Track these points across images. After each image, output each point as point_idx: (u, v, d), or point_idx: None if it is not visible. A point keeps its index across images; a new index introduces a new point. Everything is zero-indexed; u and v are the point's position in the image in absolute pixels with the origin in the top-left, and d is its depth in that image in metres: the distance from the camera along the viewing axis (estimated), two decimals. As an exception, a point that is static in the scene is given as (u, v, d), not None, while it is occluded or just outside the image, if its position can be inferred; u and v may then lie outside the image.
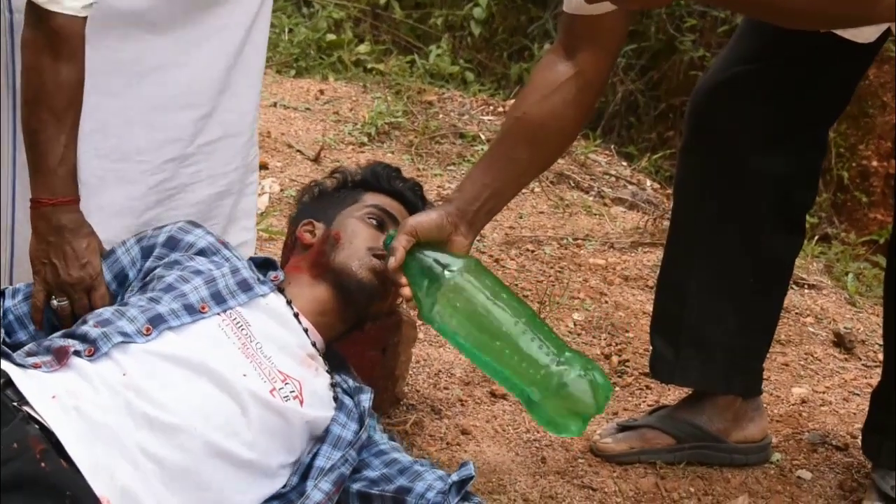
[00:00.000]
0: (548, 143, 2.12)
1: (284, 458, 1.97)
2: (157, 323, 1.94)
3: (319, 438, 2.00)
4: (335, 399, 2.05)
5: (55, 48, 2.00)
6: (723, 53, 2.35)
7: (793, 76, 2.23)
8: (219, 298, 2.02)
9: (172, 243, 2.14)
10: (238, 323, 2.00)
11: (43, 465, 1.64)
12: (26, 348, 1.92)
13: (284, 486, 1.96)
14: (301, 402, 1.98)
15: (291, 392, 1.97)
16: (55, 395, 1.78)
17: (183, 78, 2.31)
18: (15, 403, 1.73)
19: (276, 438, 1.94)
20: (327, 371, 2.08)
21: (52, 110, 2.02)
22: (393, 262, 1.99)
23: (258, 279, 2.10)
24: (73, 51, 2.03)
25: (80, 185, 2.09)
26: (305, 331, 2.08)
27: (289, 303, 2.09)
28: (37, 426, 1.71)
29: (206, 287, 2.03)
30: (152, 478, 1.78)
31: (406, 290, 2.00)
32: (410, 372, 2.59)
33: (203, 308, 1.99)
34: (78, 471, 1.70)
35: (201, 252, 2.13)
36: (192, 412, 1.84)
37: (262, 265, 2.17)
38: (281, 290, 2.12)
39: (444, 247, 2.03)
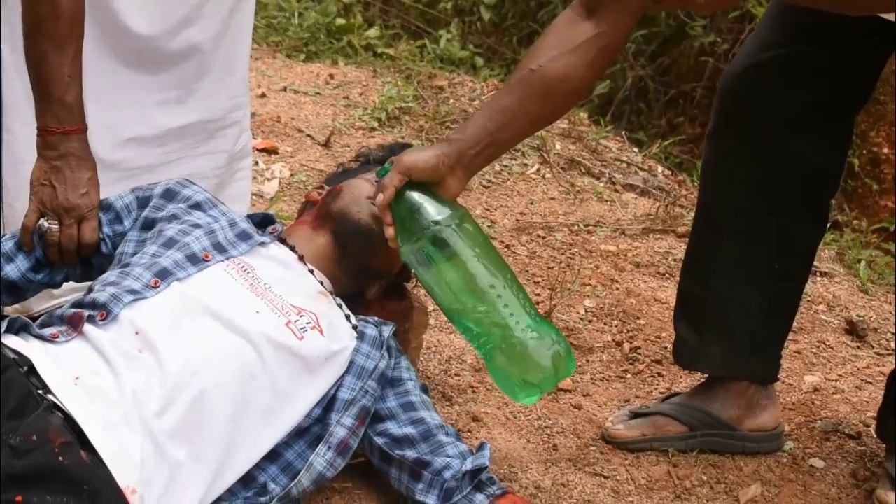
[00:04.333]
0: (558, 100, 2.08)
1: (305, 395, 1.96)
2: (164, 276, 1.95)
3: (344, 370, 2.00)
4: (355, 329, 2.06)
5: None
6: (751, 38, 2.34)
7: (821, 60, 2.22)
8: (220, 248, 2.05)
9: (170, 195, 2.16)
10: (243, 267, 2.02)
11: (61, 458, 1.62)
12: (40, 320, 1.93)
13: (307, 418, 1.95)
14: (321, 333, 1.98)
15: (308, 324, 1.97)
16: (78, 376, 1.77)
17: (153, 61, 2.31)
18: (40, 391, 1.72)
19: (294, 378, 1.93)
20: (339, 304, 2.08)
21: (52, 39, 2.01)
22: (381, 198, 1.95)
23: (257, 232, 2.13)
24: None
25: None
26: (311, 271, 2.10)
27: (293, 248, 2.12)
28: (60, 415, 1.70)
29: (207, 237, 2.05)
30: (173, 451, 1.77)
31: (390, 230, 1.96)
32: (421, 358, 2.58)
33: (206, 256, 2.01)
34: (101, 462, 1.68)
35: (198, 206, 2.15)
36: (208, 359, 1.84)
37: (261, 223, 2.20)
38: (282, 240, 2.14)
39: (437, 188, 1.98)
